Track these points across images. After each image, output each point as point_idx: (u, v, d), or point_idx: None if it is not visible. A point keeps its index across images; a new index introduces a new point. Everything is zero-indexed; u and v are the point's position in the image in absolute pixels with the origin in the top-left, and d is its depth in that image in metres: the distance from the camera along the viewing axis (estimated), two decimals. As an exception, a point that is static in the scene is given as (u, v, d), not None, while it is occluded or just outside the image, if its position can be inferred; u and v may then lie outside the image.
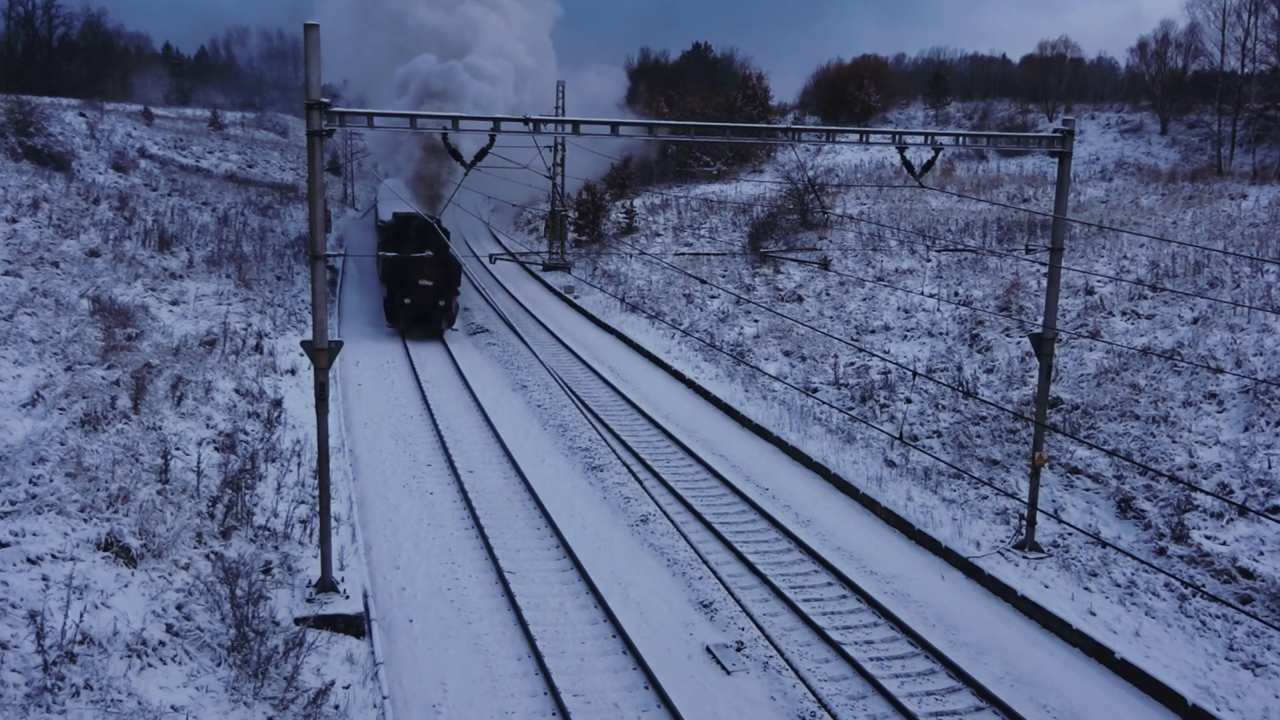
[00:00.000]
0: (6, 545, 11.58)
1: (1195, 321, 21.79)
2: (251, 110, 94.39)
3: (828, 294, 31.58)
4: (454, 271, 32.72)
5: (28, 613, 10.47)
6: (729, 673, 13.63)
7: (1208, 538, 15.95)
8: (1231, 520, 16.08)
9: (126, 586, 11.70)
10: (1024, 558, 16.76)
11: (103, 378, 17.80)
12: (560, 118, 14.15)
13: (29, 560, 11.46)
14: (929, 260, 31.68)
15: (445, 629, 14.38)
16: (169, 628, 11.38)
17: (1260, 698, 12.96)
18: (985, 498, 18.87)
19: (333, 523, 15.30)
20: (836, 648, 14.26)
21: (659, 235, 47.10)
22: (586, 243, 49.21)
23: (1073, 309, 24.46)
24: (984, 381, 22.96)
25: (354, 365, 28.57)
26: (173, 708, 10.16)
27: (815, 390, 25.59)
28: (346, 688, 12.06)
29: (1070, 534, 16.98)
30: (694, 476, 21.20)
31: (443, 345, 32.24)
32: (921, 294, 28.23)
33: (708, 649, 14.20)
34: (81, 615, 10.58)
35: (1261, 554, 15.28)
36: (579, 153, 40.78)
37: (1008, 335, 24.48)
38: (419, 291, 32.06)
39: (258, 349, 24.87)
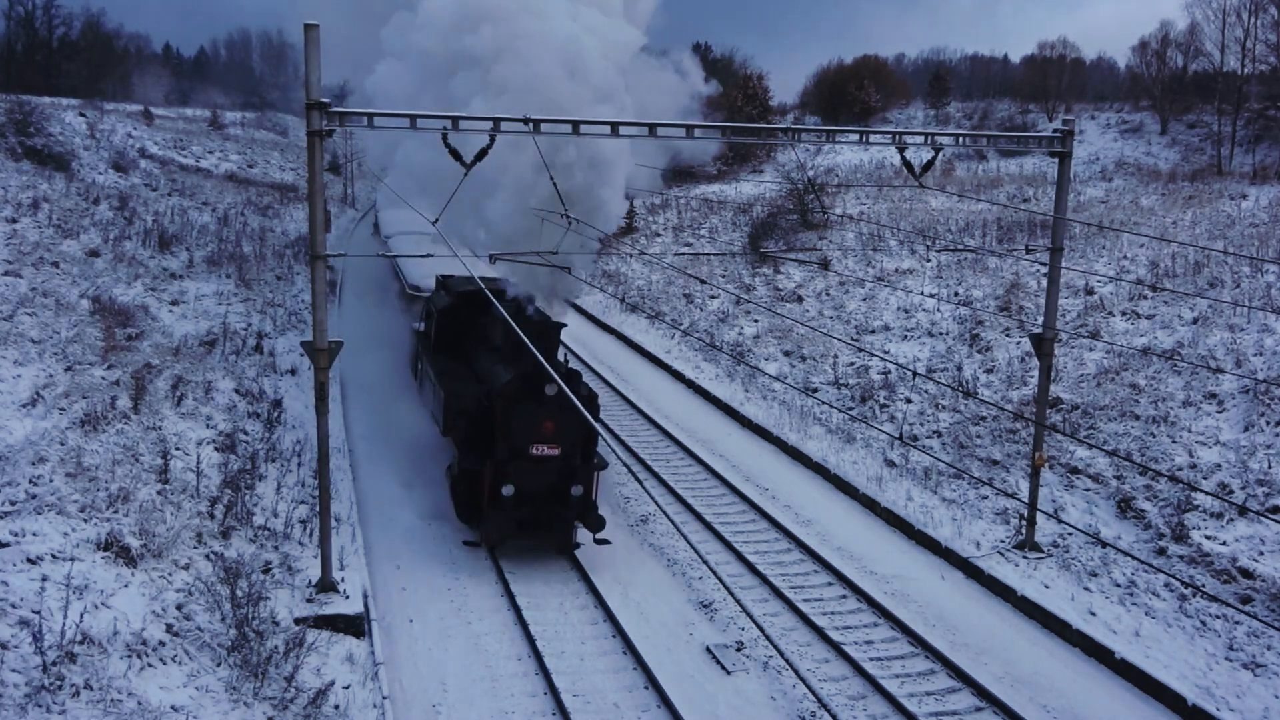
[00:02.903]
0: (6, 545, 11.57)
1: (1195, 321, 21.79)
2: (251, 110, 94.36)
3: (828, 294, 31.58)
4: (590, 427, 14.40)
5: (28, 612, 10.46)
6: (729, 673, 13.63)
7: (1208, 538, 15.95)
8: (1231, 520, 16.08)
9: (126, 586, 11.69)
10: (1024, 558, 16.76)
11: (103, 378, 17.79)
12: (560, 118, 14.12)
13: (29, 560, 11.45)
14: (929, 260, 31.67)
15: (445, 629, 14.38)
16: (169, 628, 11.37)
17: (1260, 698, 12.96)
18: (985, 498, 18.86)
19: (333, 523, 15.29)
20: (836, 648, 14.27)
21: (659, 235, 47.10)
22: (586, 242, 49.13)
23: (1073, 309, 24.45)
24: (984, 381, 22.96)
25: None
26: (173, 708, 10.15)
27: (815, 390, 25.59)
28: (346, 688, 12.05)
29: (1070, 534, 16.98)
30: (694, 476, 21.19)
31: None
32: (921, 294, 28.22)
33: (708, 649, 14.20)
34: (81, 615, 10.57)
35: (1261, 554, 15.28)
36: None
37: (1008, 335, 24.47)
38: (531, 469, 16.17)
39: (258, 349, 24.84)
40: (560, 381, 10.02)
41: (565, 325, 17.54)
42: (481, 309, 19.03)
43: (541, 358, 9.85)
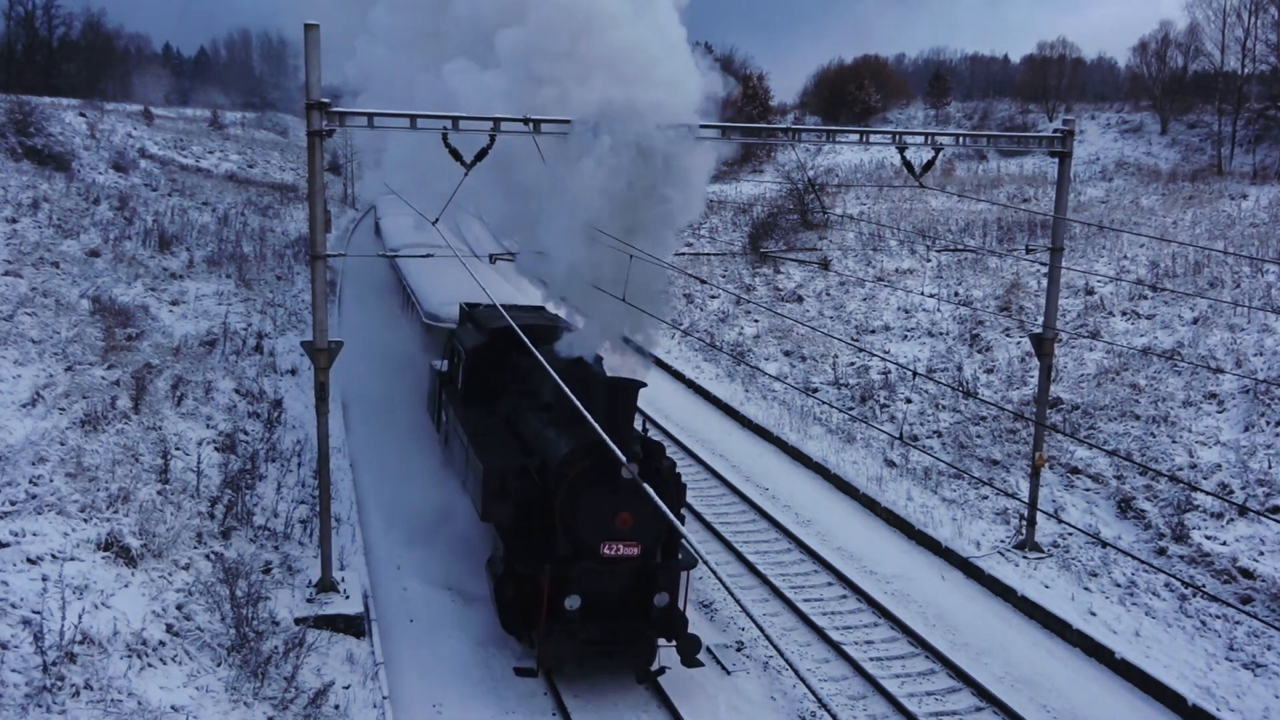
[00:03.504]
0: (6, 545, 11.56)
1: (1195, 321, 21.79)
2: (251, 110, 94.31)
3: (828, 294, 31.58)
4: (673, 517, 7.31)
5: (28, 612, 10.46)
6: (729, 673, 13.63)
7: (1208, 538, 15.95)
8: (1231, 520, 16.08)
9: (126, 586, 11.69)
10: (1024, 558, 16.75)
11: (103, 378, 17.78)
12: (560, 118, 14.13)
13: (29, 560, 11.45)
14: (929, 260, 31.68)
15: (446, 629, 14.37)
16: (169, 628, 11.37)
17: (1260, 698, 12.96)
18: (985, 498, 18.86)
19: (333, 523, 15.28)
20: (836, 648, 14.27)
21: (659, 235, 47.03)
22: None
23: (1073, 309, 24.45)
24: (984, 381, 22.95)
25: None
26: (173, 708, 10.15)
27: (815, 390, 25.59)
28: (346, 688, 12.05)
29: (1070, 534, 16.98)
30: (694, 476, 21.18)
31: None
32: (921, 294, 28.21)
33: (708, 649, 14.18)
34: (81, 615, 10.57)
35: (1261, 554, 15.28)
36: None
37: (1008, 335, 24.47)
38: (602, 573, 12.69)
39: (258, 349, 24.84)
40: (634, 473, 8.18)
41: (644, 385, 13.61)
42: (524, 351, 13.15)
43: (611, 441, 7.39)
